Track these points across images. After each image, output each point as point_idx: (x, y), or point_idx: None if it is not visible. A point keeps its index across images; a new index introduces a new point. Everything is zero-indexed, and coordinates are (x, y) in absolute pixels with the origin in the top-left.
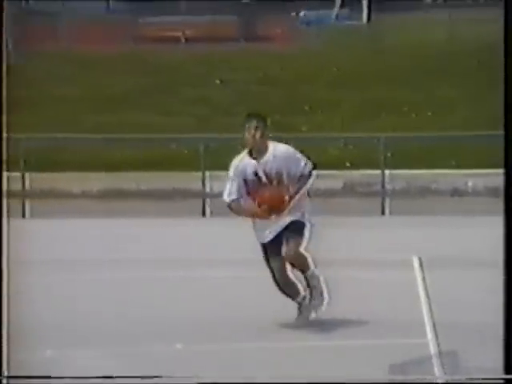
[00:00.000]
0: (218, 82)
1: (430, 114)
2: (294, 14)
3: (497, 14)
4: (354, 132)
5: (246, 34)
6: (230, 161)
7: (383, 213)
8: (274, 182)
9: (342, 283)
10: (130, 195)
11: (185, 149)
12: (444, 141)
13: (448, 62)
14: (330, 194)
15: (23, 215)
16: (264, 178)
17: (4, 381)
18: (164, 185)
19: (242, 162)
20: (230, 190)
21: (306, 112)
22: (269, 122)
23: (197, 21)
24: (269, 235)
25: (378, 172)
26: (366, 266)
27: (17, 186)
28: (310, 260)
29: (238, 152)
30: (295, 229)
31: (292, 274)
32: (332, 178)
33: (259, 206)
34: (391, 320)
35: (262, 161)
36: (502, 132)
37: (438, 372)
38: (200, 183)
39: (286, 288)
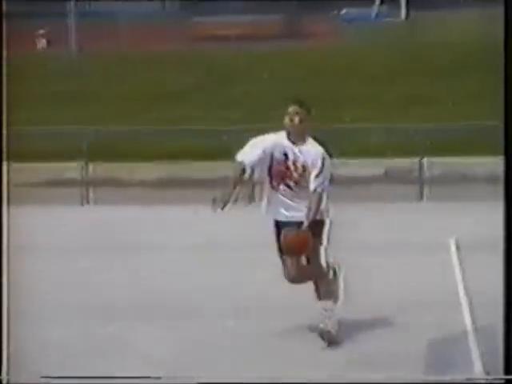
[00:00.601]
0: (265, 77)
1: (466, 106)
2: (335, 12)
3: None
4: (394, 123)
5: (291, 31)
6: None
7: (421, 198)
8: (298, 172)
9: (381, 265)
10: (185, 184)
11: (234, 140)
12: (481, 130)
13: (483, 58)
14: (371, 180)
15: (87, 202)
16: (291, 163)
17: (4, 381)
18: (216, 174)
19: (279, 139)
20: (249, 152)
21: (349, 105)
22: (313, 113)
23: (245, 20)
24: (285, 213)
25: (417, 160)
26: (404, 248)
27: (80, 175)
28: (324, 267)
29: None
30: (315, 229)
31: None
32: (374, 166)
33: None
34: (428, 299)
35: (297, 146)
36: None
37: (472, 349)
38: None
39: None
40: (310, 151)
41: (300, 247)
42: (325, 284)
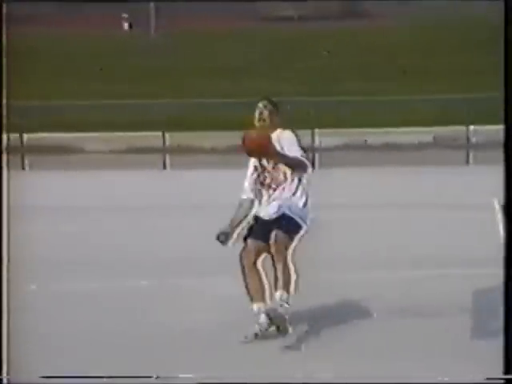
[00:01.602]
0: (325, 53)
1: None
2: None
3: None
4: (443, 93)
5: (348, 12)
6: (336, 120)
7: (467, 163)
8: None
9: (429, 222)
10: None
11: (298, 110)
12: None
13: None
14: (422, 147)
15: (164, 167)
16: (270, 167)
17: (4, 381)
18: None
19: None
20: (247, 186)
21: (401, 78)
22: (369, 86)
23: (306, 3)
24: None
25: (464, 128)
26: (452, 207)
27: (158, 144)
28: (293, 283)
29: (340, 114)
30: (287, 226)
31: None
32: (424, 134)
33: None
34: (470, 254)
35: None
36: None
37: None
38: (310, 139)
39: (250, 279)
40: (280, 138)
41: (260, 146)
42: (284, 276)
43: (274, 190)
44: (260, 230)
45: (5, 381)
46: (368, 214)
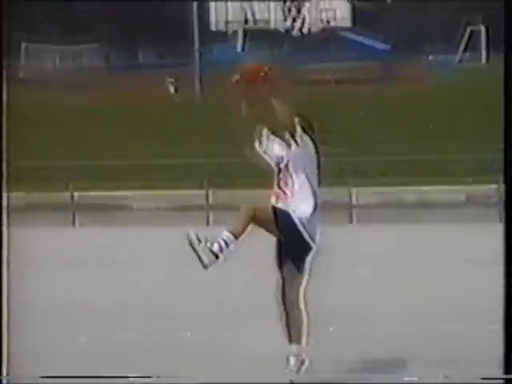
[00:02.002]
0: (361, 115)
1: None
2: (423, 57)
3: None
4: (474, 153)
5: (385, 75)
6: (372, 179)
7: (501, 220)
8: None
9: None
10: None
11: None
12: None
13: None
14: (455, 205)
15: (207, 224)
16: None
17: (4, 381)
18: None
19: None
20: None
21: (435, 137)
22: (400, 147)
23: (344, 65)
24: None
25: (495, 186)
26: (484, 263)
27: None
28: (305, 334)
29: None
30: (296, 249)
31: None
32: (456, 192)
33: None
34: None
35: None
36: None
37: None
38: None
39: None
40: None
41: (257, 76)
42: (297, 326)
43: (284, 193)
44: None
45: (5, 381)
46: (404, 267)
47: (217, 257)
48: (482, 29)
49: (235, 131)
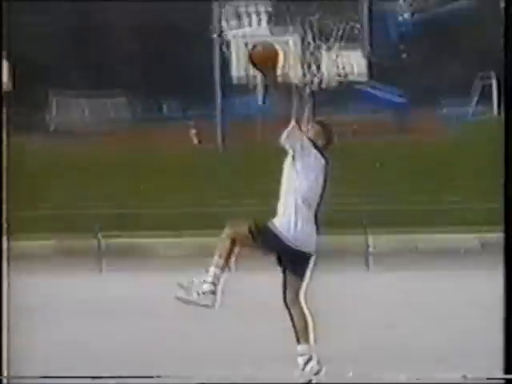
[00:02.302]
0: (377, 165)
1: None
2: (437, 110)
3: None
4: (488, 202)
5: (400, 127)
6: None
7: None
8: None
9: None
10: None
11: (352, 217)
12: None
13: None
14: (469, 252)
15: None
16: None
17: (4, 381)
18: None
19: None
20: None
21: (449, 187)
22: (416, 196)
23: (362, 117)
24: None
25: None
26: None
27: None
28: (311, 332)
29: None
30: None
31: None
32: (470, 240)
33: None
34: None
35: None
36: None
37: None
38: (364, 243)
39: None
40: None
41: (267, 57)
42: (302, 326)
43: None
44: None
45: (5, 381)
46: (419, 313)
47: (213, 292)
48: (494, 82)
49: (256, 179)
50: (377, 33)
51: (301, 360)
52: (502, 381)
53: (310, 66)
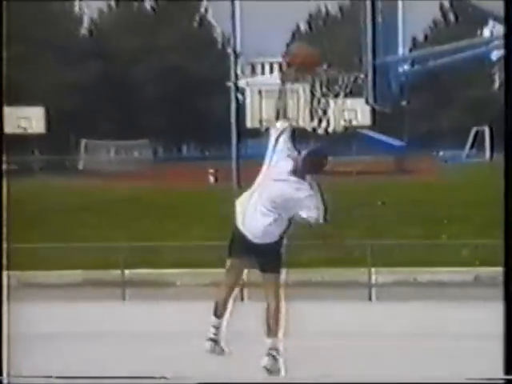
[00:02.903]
0: (379, 204)
1: None
2: (434, 153)
3: None
4: (481, 238)
5: (399, 168)
6: (390, 260)
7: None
8: None
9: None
10: None
11: (356, 252)
12: None
13: None
14: (464, 285)
15: (241, 299)
16: None
17: (4, 381)
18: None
19: None
20: None
21: (445, 224)
22: (414, 232)
23: (364, 159)
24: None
25: (500, 269)
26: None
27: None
28: (281, 328)
29: (392, 255)
30: (274, 261)
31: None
32: (465, 273)
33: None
34: None
35: None
36: None
37: None
38: (367, 276)
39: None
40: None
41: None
42: (275, 320)
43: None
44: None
45: (5, 381)
46: (417, 342)
47: (216, 342)
48: (487, 129)
49: None
50: (379, 83)
51: (266, 354)
52: (502, 381)
53: (316, 111)
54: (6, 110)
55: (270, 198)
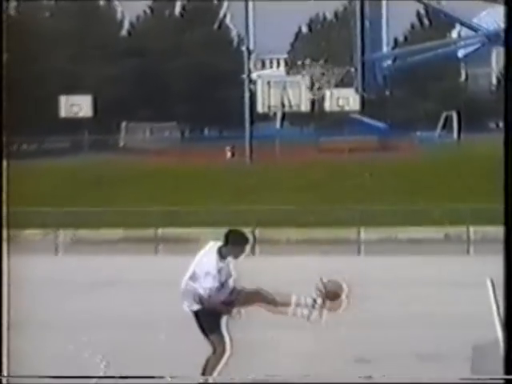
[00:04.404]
0: (367, 175)
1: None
2: (412, 133)
3: None
4: (454, 204)
5: (383, 146)
6: (375, 222)
7: (468, 253)
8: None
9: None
10: None
11: (347, 216)
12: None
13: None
14: (435, 241)
15: (253, 253)
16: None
17: (4, 381)
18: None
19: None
20: None
21: (421, 192)
22: (396, 199)
23: (354, 139)
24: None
25: (464, 228)
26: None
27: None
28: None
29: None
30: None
31: None
32: (437, 232)
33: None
34: (464, 316)
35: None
36: None
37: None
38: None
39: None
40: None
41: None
42: (214, 361)
43: None
44: None
45: (5, 381)
46: (398, 289)
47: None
48: (454, 114)
49: (275, 188)
50: (367, 75)
51: None
52: (502, 381)
53: (315, 99)
54: (62, 98)
55: None
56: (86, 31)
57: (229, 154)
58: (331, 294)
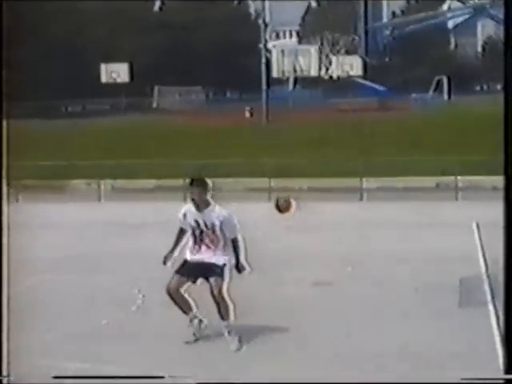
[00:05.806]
0: (366, 133)
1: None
2: (408, 95)
3: None
4: (444, 156)
5: (383, 107)
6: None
7: (456, 199)
8: (209, 231)
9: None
10: None
11: (351, 165)
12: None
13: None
14: (428, 189)
15: (269, 199)
16: (202, 225)
17: (4, 381)
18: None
19: (188, 208)
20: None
21: (416, 145)
22: (395, 151)
23: (359, 100)
24: (193, 258)
25: (453, 178)
26: (447, 226)
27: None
28: (231, 310)
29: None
30: (217, 272)
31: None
32: (429, 181)
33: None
34: (447, 254)
35: (202, 212)
36: None
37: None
38: (359, 183)
39: (177, 300)
40: (215, 213)
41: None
42: (223, 308)
43: (209, 247)
44: (187, 270)
45: (5, 381)
46: (396, 229)
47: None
48: (445, 78)
49: (288, 143)
50: (370, 43)
51: (226, 332)
52: (502, 381)
53: (323, 65)
54: (102, 66)
55: None
56: (123, 8)
57: (248, 114)
58: (283, 208)
